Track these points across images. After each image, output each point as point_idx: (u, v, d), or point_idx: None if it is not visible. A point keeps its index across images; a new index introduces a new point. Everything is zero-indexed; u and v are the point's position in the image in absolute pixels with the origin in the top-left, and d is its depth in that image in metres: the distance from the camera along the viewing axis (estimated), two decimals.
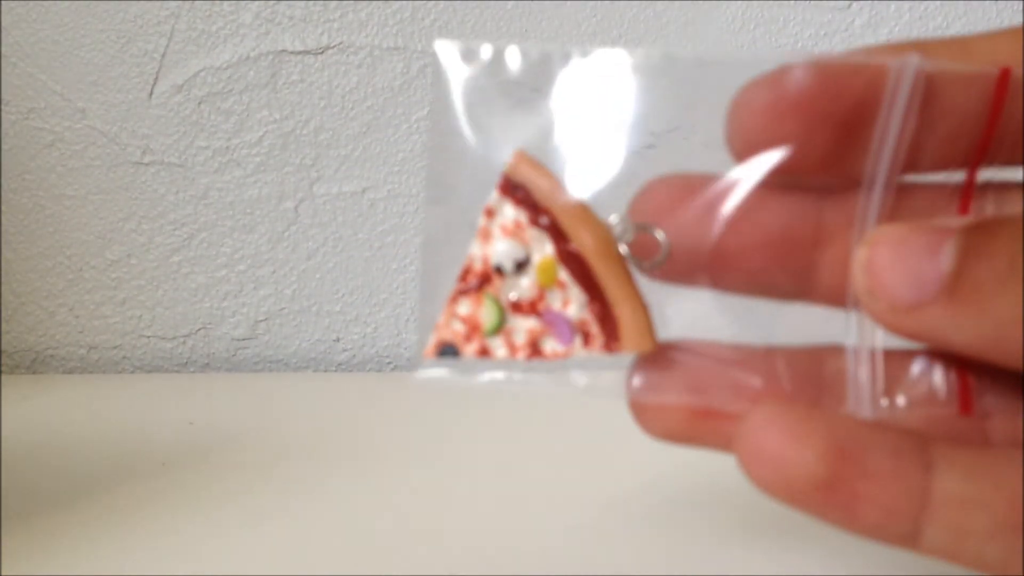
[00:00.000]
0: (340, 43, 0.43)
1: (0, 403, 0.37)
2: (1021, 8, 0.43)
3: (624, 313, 0.18)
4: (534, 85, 0.18)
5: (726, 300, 0.19)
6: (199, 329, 0.45)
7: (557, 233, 0.18)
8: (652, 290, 0.19)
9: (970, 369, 0.17)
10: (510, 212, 0.18)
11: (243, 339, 0.45)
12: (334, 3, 0.42)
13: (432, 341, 0.19)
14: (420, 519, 0.27)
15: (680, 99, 0.18)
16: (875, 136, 0.17)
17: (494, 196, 0.18)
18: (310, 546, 0.25)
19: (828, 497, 0.15)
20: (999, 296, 0.14)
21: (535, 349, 0.18)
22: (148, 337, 0.45)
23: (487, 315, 0.18)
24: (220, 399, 0.40)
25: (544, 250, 0.18)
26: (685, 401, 0.18)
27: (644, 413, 0.19)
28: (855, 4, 0.43)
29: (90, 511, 0.27)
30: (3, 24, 0.42)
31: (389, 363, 0.46)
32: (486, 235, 0.18)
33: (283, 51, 0.42)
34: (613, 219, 0.18)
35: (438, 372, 0.19)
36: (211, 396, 0.40)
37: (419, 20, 0.43)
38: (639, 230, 0.18)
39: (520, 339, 0.18)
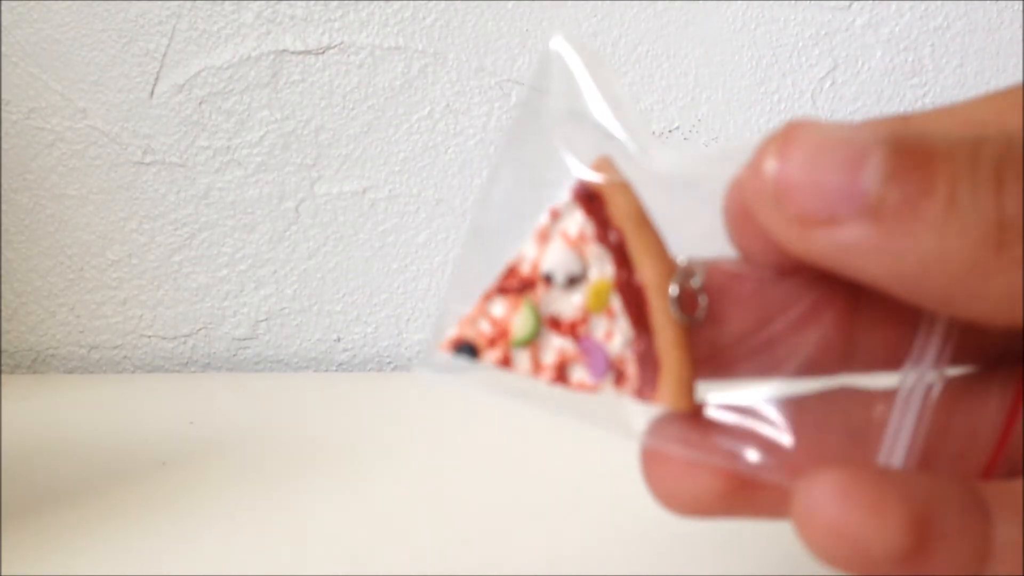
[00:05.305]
0: (341, 43, 0.43)
1: (0, 403, 0.37)
2: (1021, 8, 0.43)
3: (669, 362, 0.16)
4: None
5: None
6: (200, 329, 0.45)
7: (622, 257, 0.16)
8: None
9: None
10: (577, 220, 0.16)
11: (244, 339, 0.45)
12: (335, 3, 0.42)
13: (451, 335, 0.16)
14: (420, 519, 0.27)
15: None
16: None
17: (565, 198, 0.16)
18: (310, 546, 0.25)
19: (906, 567, 0.14)
20: (930, 232, 0.13)
21: (561, 374, 0.16)
22: (149, 337, 0.45)
23: (522, 323, 0.16)
24: (220, 399, 0.40)
25: (603, 271, 0.16)
26: (715, 462, 0.16)
27: (661, 481, 0.17)
28: (855, 4, 0.43)
29: (90, 511, 0.27)
30: (3, 24, 0.42)
31: (389, 363, 0.46)
32: (544, 237, 0.16)
33: (284, 51, 0.42)
34: (682, 260, 0.16)
35: (443, 372, 0.17)
36: (211, 396, 0.40)
37: (419, 20, 0.43)
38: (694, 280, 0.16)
39: (549, 358, 0.16)
